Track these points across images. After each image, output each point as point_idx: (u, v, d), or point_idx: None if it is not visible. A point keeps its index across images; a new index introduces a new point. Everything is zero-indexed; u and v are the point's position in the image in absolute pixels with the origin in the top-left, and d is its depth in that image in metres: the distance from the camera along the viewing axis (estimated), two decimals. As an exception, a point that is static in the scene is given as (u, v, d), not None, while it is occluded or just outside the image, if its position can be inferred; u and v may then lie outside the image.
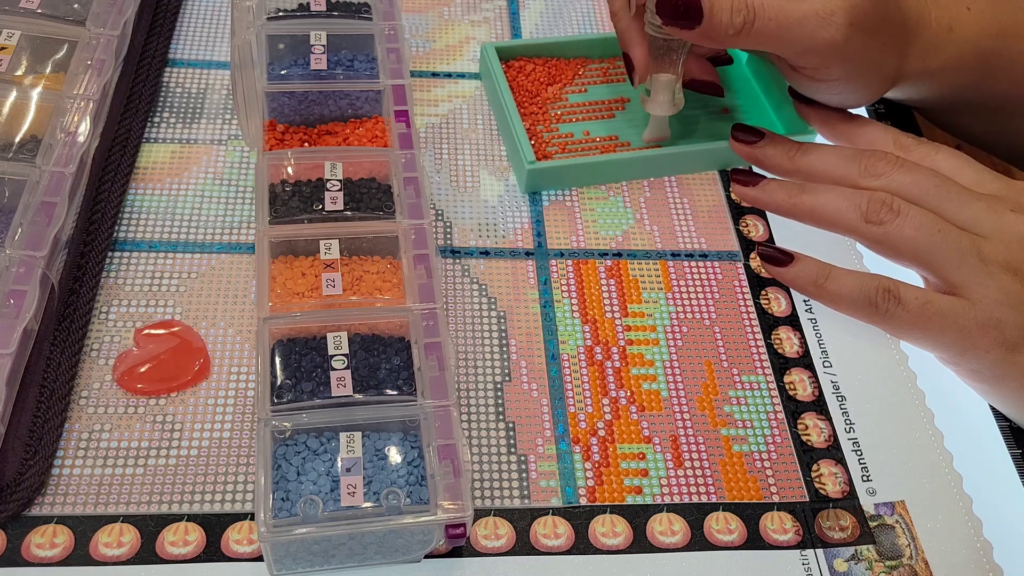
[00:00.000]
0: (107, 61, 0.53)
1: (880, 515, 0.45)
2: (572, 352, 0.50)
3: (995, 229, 0.43)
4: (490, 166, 0.58)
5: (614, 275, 0.53)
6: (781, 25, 0.44)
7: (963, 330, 0.42)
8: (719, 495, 0.45)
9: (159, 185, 0.54)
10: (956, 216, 0.44)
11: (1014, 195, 0.45)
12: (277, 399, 0.41)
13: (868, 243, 0.45)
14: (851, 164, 0.47)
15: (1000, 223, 0.44)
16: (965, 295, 0.43)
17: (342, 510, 0.38)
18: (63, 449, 0.43)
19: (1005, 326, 0.42)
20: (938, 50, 0.50)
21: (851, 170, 0.46)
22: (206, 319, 0.48)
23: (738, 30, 0.44)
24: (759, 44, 0.45)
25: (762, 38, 0.44)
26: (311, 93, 0.52)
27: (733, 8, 0.43)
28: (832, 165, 0.47)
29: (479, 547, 0.42)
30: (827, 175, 0.47)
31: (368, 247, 0.46)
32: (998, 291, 0.42)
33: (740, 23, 0.43)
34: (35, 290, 0.44)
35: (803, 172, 0.48)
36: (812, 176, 0.48)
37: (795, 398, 0.49)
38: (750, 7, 0.43)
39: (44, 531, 0.41)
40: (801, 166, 0.48)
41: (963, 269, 0.43)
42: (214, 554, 0.41)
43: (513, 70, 0.61)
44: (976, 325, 0.42)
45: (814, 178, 0.47)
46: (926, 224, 0.43)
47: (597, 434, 0.47)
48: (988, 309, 0.42)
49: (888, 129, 0.50)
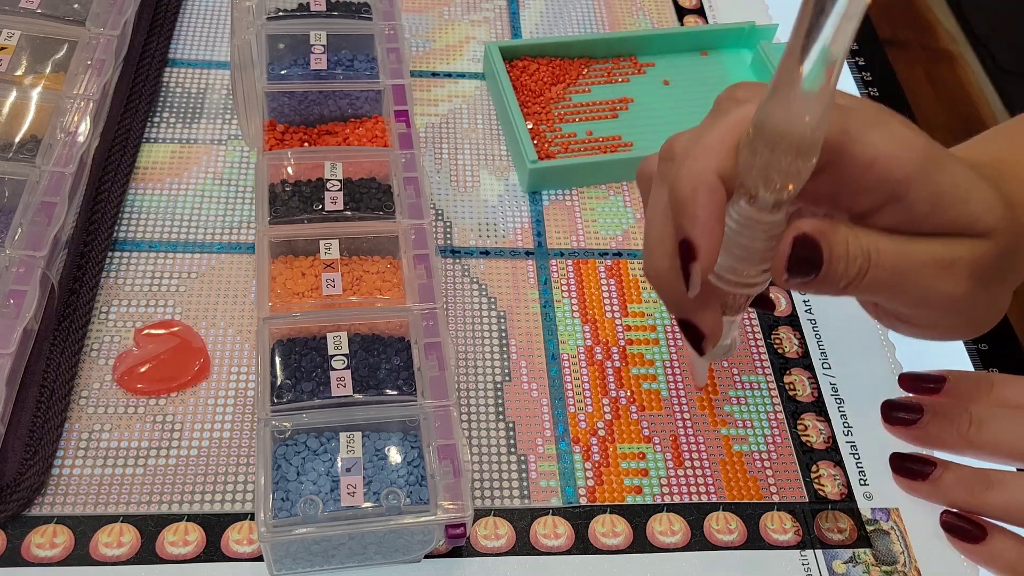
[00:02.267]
0: (107, 61, 0.53)
1: (876, 520, 0.45)
2: (572, 352, 0.50)
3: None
4: (490, 166, 0.58)
5: (614, 275, 0.53)
6: (895, 274, 0.35)
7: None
8: (719, 495, 0.45)
9: (159, 185, 0.54)
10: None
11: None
12: (277, 399, 0.41)
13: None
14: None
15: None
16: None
17: (342, 510, 0.38)
18: (63, 449, 0.43)
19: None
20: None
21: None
22: (206, 319, 0.48)
23: (851, 281, 0.34)
24: (867, 293, 0.36)
25: (873, 288, 0.35)
26: (311, 93, 0.52)
27: (849, 256, 0.34)
28: (1020, 435, 0.38)
29: (479, 547, 0.42)
30: (1015, 451, 0.38)
31: (368, 247, 0.46)
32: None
33: (855, 274, 0.34)
34: (35, 290, 0.44)
35: (984, 451, 0.39)
36: (996, 454, 0.39)
37: (795, 398, 0.49)
38: (866, 253, 0.34)
39: (44, 531, 0.41)
40: (980, 443, 0.39)
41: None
42: (214, 554, 0.41)
43: (517, 69, 0.61)
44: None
45: (998, 455, 0.39)
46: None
47: (597, 434, 0.47)
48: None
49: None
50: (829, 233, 0.33)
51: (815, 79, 0.29)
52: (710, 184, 0.31)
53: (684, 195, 0.32)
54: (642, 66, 0.64)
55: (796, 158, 0.30)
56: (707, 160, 0.32)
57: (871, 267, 0.34)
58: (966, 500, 0.39)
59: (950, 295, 0.35)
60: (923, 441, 0.41)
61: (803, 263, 0.33)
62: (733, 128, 0.32)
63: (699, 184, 0.32)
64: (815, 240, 0.33)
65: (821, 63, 0.28)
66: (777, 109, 0.30)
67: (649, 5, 0.69)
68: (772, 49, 0.63)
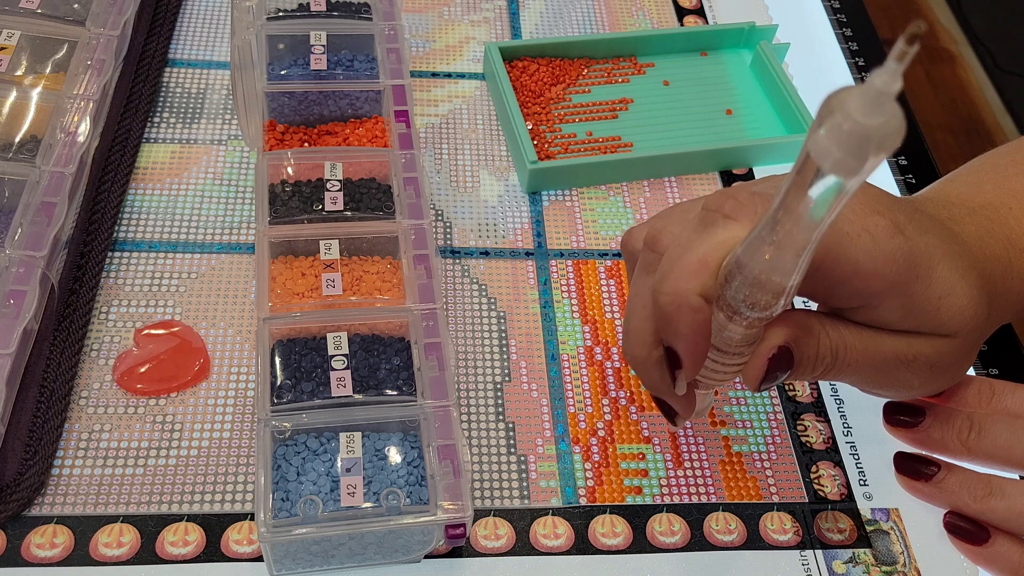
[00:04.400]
0: (107, 61, 0.53)
1: (876, 520, 0.45)
2: (572, 352, 0.50)
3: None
4: (490, 166, 0.58)
5: (614, 275, 0.53)
6: (859, 368, 0.36)
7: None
8: (719, 495, 0.45)
9: (159, 185, 0.54)
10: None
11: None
12: (277, 399, 0.41)
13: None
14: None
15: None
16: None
17: (342, 510, 0.38)
18: (63, 449, 0.43)
19: None
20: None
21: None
22: (206, 319, 0.48)
23: (816, 375, 0.36)
24: (833, 379, 0.37)
25: (838, 378, 0.37)
26: (311, 93, 0.52)
27: (818, 357, 0.35)
28: (1017, 443, 0.39)
29: (479, 547, 0.42)
30: (1012, 458, 0.39)
31: (368, 247, 0.46)
32: None
33: (821, 371, 0.36)
34: (35, 290, 0.44)
35: (983, 457, 0.40)
36: (994, 460, 0.40)
37: (795, 399, 0.49)
38: (834, 351, 0.36)
39: (44, 531, 0.41)
40: (980, 449, 0.39)
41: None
42: (214, 554, 0.41)
43: (517, 70, 0.61)
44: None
45: (996, 462, 0.40)
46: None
47: (597, 434, 0.47)
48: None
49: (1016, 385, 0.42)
50: (801, 339, 0.34)
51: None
52: (694, 305, 0.33)
53: (669, 311, 0.33)
54: (642, 66, 0.64)
55: (775, 297, 0.31)
56: (690, 281, 0.33)
57: (837, 363, 0.36)
58: (967, 504, 0.39)
59: (910, 383, 0.37)
60: (923, 444, 0.41)
61: (775, 370, 0.35)
62: (717, 250, 0.33)
63: (683, 304, 0.33)
64: (788, 350, 0.34)
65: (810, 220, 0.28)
66: (758, 254, 0.30)
67: (649, 5, 0.69)
68: (772, 49, 0.63)
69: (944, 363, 0.37)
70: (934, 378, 0.38)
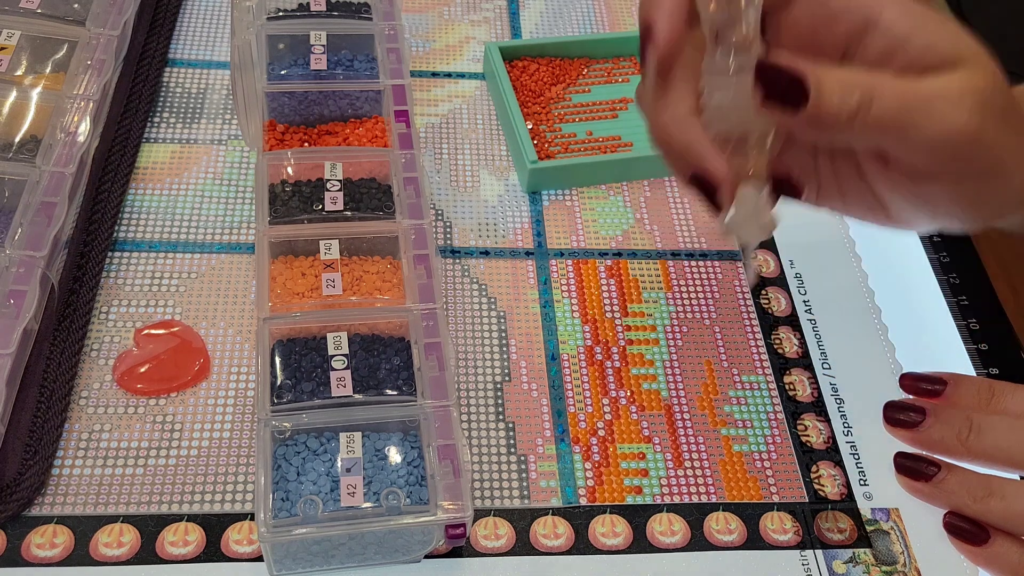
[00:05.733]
0: (107, 61, 0.53)
1: (876, 520, 0.45)
2: (572, 352, 0.50)
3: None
4: (490, 166, 0.58)
5: (614, 275, 0.53)
6: (902, 110, 0.35)
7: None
8: (719, 495, 0.45)
9: (159, 185, 0.54)
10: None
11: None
12: (277, 399, 0.41)
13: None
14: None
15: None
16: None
17: (342, 510, 0.38)
18: (63, 449, 0.43)
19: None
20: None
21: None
22: (206, 319, 0.48)
23: (853, 114, 0.34)
24: (875, 132, 0.35)
25: (880, 125, 0.35)
26: (311, 93, 0.52)
27: (843, 87, 0.34)
28: (1017, 444, 0.39)
29: (479, 547, 0.42)
30: (1013, 459, 0.39)
31: (368, 247, 0.46)
32: None
33: (854, 106, 0.34)
34: (35, 290, 0.44)
35: (983, 457, 0.39)
36: (994, 460, 0.39)
37: (795, 398, 0.49)
38: (865, 87, 0.34)
39: (44, 531, 0.41)
40: (979, 450, 0.39)
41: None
42: (214, 554, 0.41)
43: (517, 70, 0.61)
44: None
45: (996, 462, 0.39)
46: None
47: (597, 434, 0.47)
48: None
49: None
50: (816, 68, 0.34)
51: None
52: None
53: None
54: (642, 66, 0.64)
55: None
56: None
57: (875, 100, 0.34)
58: (967, 504, 0.39)
59: (960, 131, 0.35)
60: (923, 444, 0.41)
61: (782, 93, 0.34)
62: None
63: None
64: (788, 69, 0.34)
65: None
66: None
67: (649, 5, 0.69)
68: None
69: (989, 100, 0.35)
70: (984, 129, 0.35)
